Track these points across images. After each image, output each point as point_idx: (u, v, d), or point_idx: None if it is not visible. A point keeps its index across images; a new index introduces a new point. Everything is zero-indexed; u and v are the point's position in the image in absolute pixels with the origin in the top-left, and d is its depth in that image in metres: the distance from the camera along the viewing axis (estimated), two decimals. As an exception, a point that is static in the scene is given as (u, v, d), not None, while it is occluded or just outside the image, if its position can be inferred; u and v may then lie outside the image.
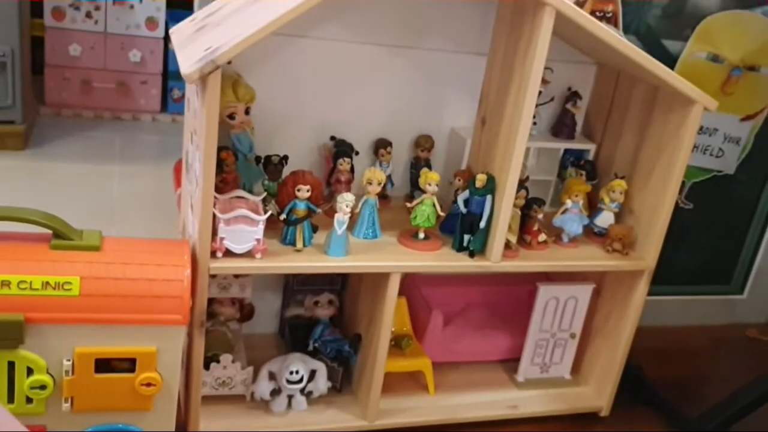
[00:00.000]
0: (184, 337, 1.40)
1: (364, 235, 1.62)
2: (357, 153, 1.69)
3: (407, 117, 1.78)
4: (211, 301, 1.72)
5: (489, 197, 1.57)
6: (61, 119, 3.43)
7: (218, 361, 1.60)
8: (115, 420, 1.37)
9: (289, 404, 1.64)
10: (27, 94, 3.07)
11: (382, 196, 1.76)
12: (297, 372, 1.59)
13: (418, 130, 1.80)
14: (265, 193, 1.56)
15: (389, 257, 1.57)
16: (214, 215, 1.42)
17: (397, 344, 1.77)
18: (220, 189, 1.52)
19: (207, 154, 1.34)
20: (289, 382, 1.59)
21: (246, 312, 1.78)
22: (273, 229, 1.55)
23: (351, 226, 1.60)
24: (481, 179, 1.56)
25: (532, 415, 1.81)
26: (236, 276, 1.67)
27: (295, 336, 1.80)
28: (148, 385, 1.35)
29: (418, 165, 1.76)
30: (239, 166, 1.58)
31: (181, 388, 1.53)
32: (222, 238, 1.43)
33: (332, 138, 1.72)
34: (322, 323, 1.76)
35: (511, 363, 1.90)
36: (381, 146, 1.75)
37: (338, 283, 1.81)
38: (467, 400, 1.80)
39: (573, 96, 1.87)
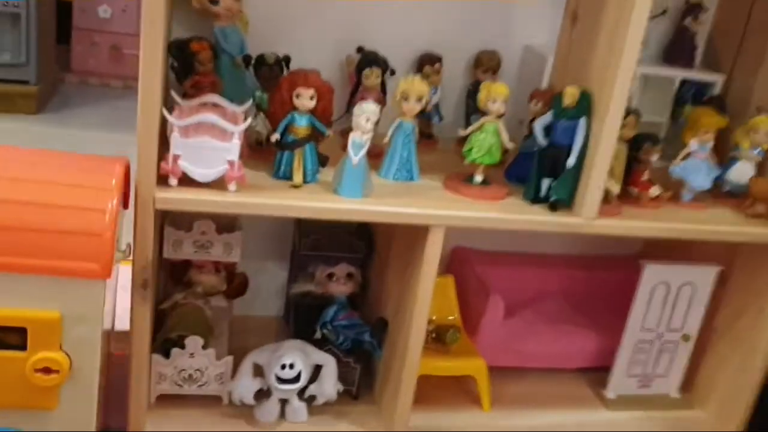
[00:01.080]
0: (108, 299, 0.90)
1: (395, 174, 1.10)
2: (392, 72, 1.18)
3: (464, 28, 1.27)
4: (186, 266, 1.23)
5: (582, 121, 1.03)
6: (87, 87, 3.03)
7: (183, 347, 1.10)
8: None
9: (282, 412, 1.13)
10: (45, 55, 2.69)
11: (426, 135, 1.25)
12: (292, 366, 1.08)
13: (479, 45, 1.28)
14: (255, 108, 1.07)
15: (429, 203, 1.05)
16: (168, 125, 0.93)
17: (440, 338, 1.25)
18: (191, 97, 1.03)
19: (148, 9, 0.85)
20: (279, 380, 1.08)
21: (237, 284, 1.27)
22: (265, 160, 1.05)
23: (377, 165, 1.09)
24: (571, 94, 1.03)
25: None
26: (219, 230, 1.17)
27: (300, 320, 1.29)
28: (46, 370, 0.86)
29: (476, 92, 1.23)
30: (224, 72, 1.09)
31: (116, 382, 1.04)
32: (176, 157, 0.93)
33: (359, 50, 1.21)
34: (336, 303, 1.24)
35: (597, 373, 1.34)
36: (427, 62, 1.24)
37: (360, 251, 1.29)
38: (534, 421, 1.25)
39: (694, 8, 1.32)
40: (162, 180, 0.93)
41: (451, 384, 1.28)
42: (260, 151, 1.09)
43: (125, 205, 0.96)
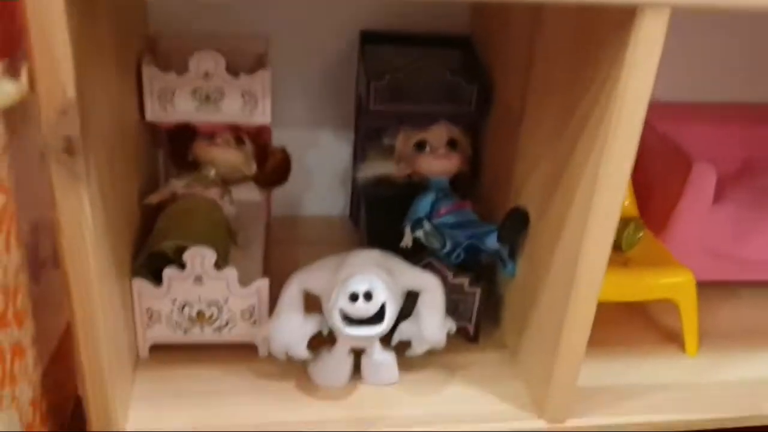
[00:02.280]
0: None
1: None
2: None
3: None
4: (190, 135, 0.75)
5: None
6: None
7: (182, 265, 0.64)
8: None
9: (357, 369, 0.67)
10: None
11: None
12: (368, 296, 0.59)
13: None
14: None
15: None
16: None
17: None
18: None
19: None
20: (349, 319, 0.60)
21: (274, 164, 0.79)
22: None
23: None
24: None
25: None
26: (233, 68, 0.69)
27: (376, 220, 0.81)
28: None
29: None
30: None
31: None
32: None
33: None
34: (433, 189, 0.76)
35: None
36: None
37: (470, 99, 0.78)
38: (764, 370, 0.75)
39: None
40: None
41: (625, 313, 0.79)
42: None
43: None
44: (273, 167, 0.79)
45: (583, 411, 0.66)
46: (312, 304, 0.64)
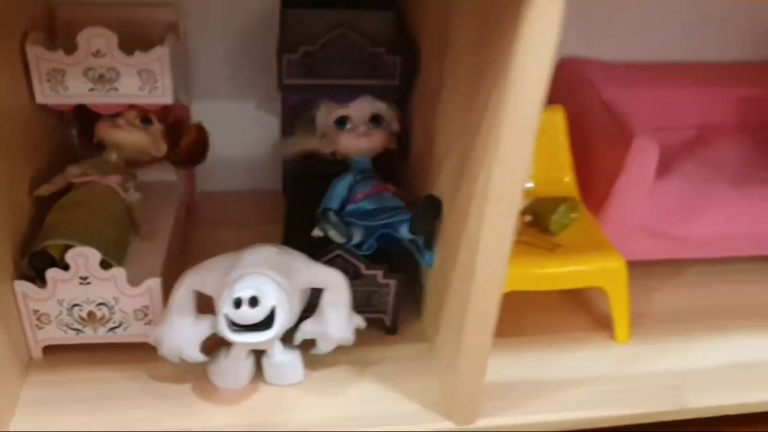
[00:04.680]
0: None
1: None
2: None
3: None
4: (85, 113, 0.68)
5: None
6: None
7: (65, 267, 0.59)
8: None
9: (261, 369, 0.62)
10: None
11: None
12: (254, 302, 0.53)
13: None
14: None
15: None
16: None
17: (539, 222, 0.69)
18: None
19: None
20: (235, 326, 0.55)
21: (188, 143, 0.72)
22: None
23: None
24: None
25: None
26: (126, 44, 0.62)
27: (299, 204, 0.75)
28: None
29: None
30: None
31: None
32: None
33: None
34: (352, 171, 0.69)
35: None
36: None
37: (393, 71, 0.70)
38: (712, 359, 0.68)
39: None
40: None
41: (555, 298, 0.73)
42: None
43: None
44: (188, 145, 0.72)
45: (495, 410, 0.61)
46: (209, 303, 0.59)
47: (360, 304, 0.64)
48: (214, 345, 0.60)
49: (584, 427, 0.62)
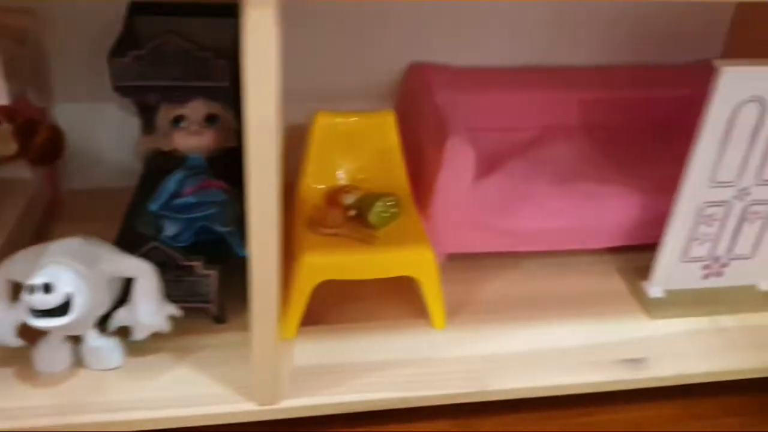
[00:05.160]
0: None
1: None
2: None
3: None
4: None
5: None
6: None
7: None
8: None
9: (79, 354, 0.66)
10: None
11: None
12: (48, 288, 0.57)
13: None
14: None
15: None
16: None
17: (362, 215, 0.73)
18: None
19: None
20: (34, 311, 0.59)
21: (42, 142, 0.76)
22: None
23: None
24: None
25: (688, 379, 0.72)
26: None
27: (138, 194, 0.77)
28: None
29: None
30: None
31: None
32: None
33: None
34: (183, 167, 0.73)
35: (634, 255, 0.81)
36: None
37: (224, 74, 0.73)
38: (521, 342, 0.72)
39: None
40: None
41: (386, 288, 0.77)
42: None
43: None
44: (41, 144, 0.77)
45: (301, 392, 0.64)
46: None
47: (185, 294, 0.68)
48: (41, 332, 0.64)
49: (385, 408, 0.66)
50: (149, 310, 0.63)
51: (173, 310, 0.65)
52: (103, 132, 0.86)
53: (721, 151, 0.69)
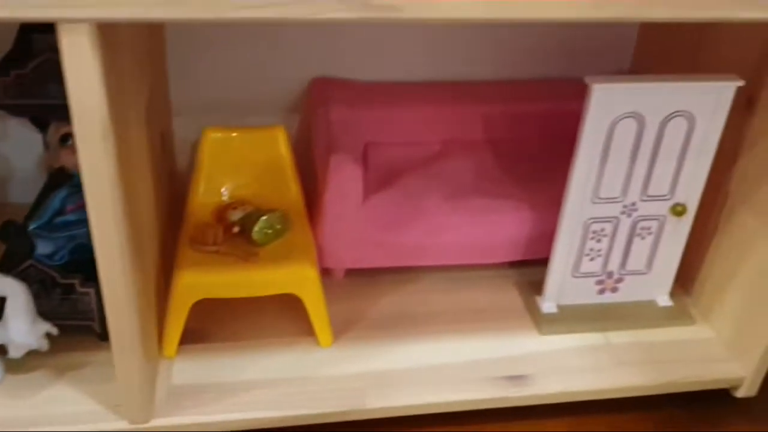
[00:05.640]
0: None
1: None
2: None
3: None
4: None
5: None
6: None
7: None
8: None
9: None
10: None
11: None
12: None
13: None
14: None
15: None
16: None
17: (245, 231, 0.72)
18: None
19: None
20: None
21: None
22: None
23: None
24: None
25: (573, 397, 0.71)
26: None
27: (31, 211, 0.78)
28: None
29: None
30: None
31: None
32: None
33: None
34: (70, 184, 0.73)
35: (527, 269, 0.81)
36: None
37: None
38: (405, 359, 0.71)
39: None
40: None
41: (278, 306, 0.76)
42: None
43: None
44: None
45: (176, 411, 0.64)
46: None
47: (69, 312, 0.68)
48: None
49: (261, 427, 0.66)
50: (21, 328, 0.63)
51: (49, 328, 0.65)
52: (11, 149, 0.87)
53: (602, 168, 0.68)
